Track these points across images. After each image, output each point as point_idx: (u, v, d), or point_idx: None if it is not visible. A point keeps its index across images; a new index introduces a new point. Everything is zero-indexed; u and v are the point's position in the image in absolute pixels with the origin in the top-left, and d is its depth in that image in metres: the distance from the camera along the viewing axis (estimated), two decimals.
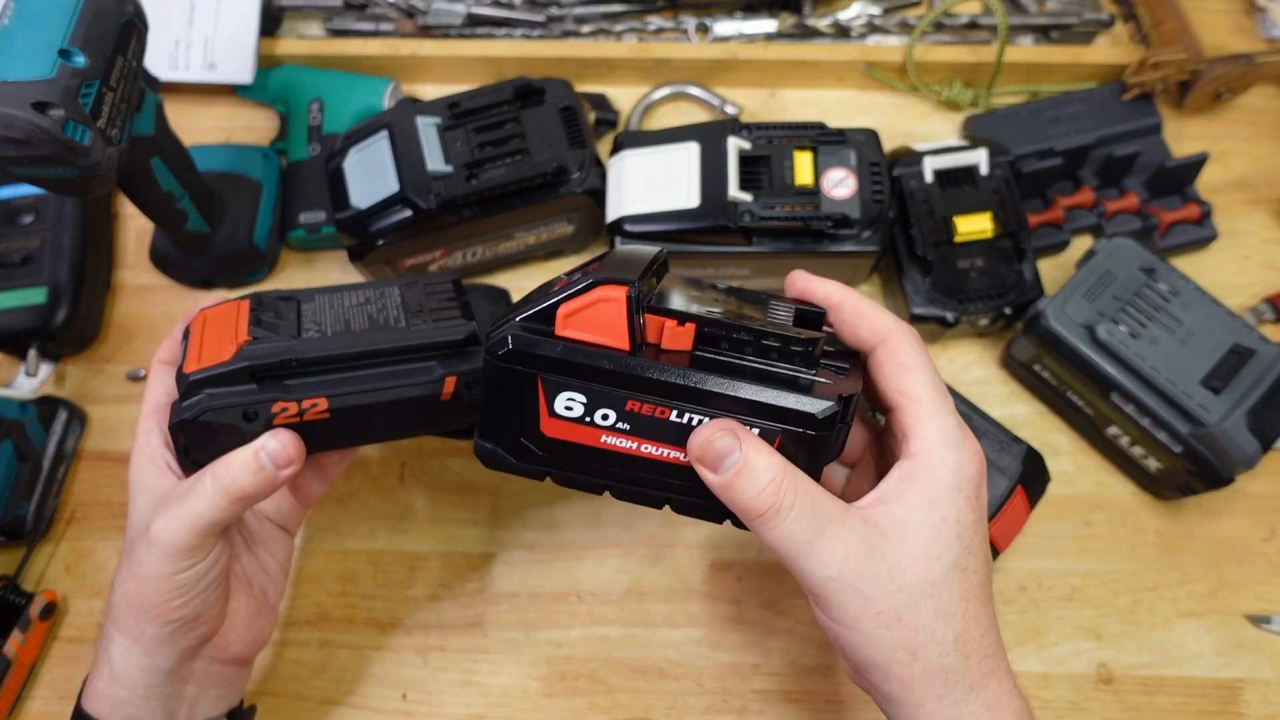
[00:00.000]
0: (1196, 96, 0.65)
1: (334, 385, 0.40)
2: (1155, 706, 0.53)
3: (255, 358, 0.38)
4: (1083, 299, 0.53)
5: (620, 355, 0.33)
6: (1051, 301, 0.53)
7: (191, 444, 0.39)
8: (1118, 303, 0.53)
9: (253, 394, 0.38)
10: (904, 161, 0.58)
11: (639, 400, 0.33)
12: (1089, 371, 0.52)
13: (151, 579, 0.38)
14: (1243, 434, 0.49)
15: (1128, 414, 0.52)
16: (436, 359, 0.42)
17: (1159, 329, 0.52)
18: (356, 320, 0.42)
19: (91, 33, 0.44)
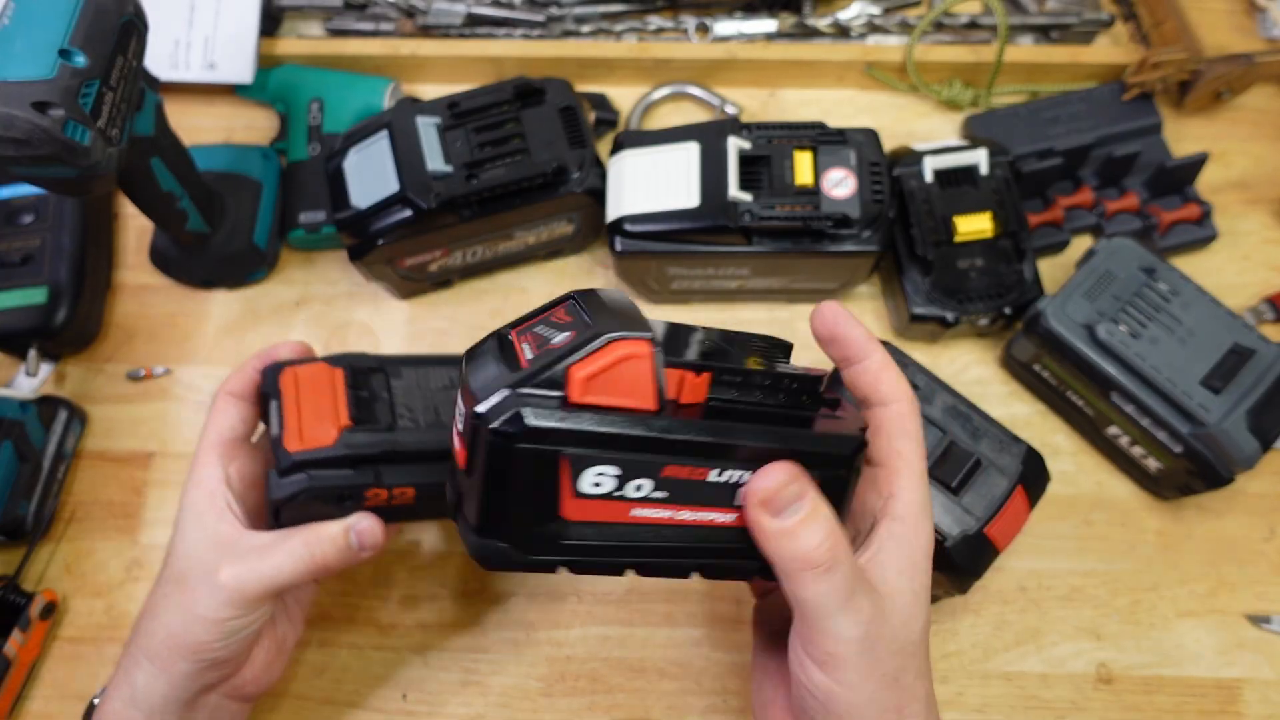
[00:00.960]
0: (1196, 96, 0.65)
1: (422, 475, 0.43)
2: (1155, 706, 0.53)
3: (357, 447, 0.42)
4: (1083, 299, 0.53)
5: (651, 418, 0.30)
6: (1051, 301, 0.53)
7: (285, 517, 0.42)
8: (1118, 303, 0.53)
9: (350, 478, 0.42)
10: (904, 161, 0.58)
11: (678, 464, 0.30)
12: (1089, 371, 0.52)
13: (204, 620, 0.40)
14: (1243, 434, 0.49)
15: (1128, 414, 0.52)
16: None
17: (1159, 329, 0.52)
18: (445, 408, 0.45)
19: (92, 33, 0.44)
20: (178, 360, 0.62)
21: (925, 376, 0.50)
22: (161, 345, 0.62)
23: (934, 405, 0.50)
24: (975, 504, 0.47)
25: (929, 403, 0.50)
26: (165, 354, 0.62)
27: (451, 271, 0.61)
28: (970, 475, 0.48)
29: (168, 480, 0.59)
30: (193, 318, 0.63)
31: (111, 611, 0.55)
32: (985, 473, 0.48)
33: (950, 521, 0.47)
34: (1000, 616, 0.55)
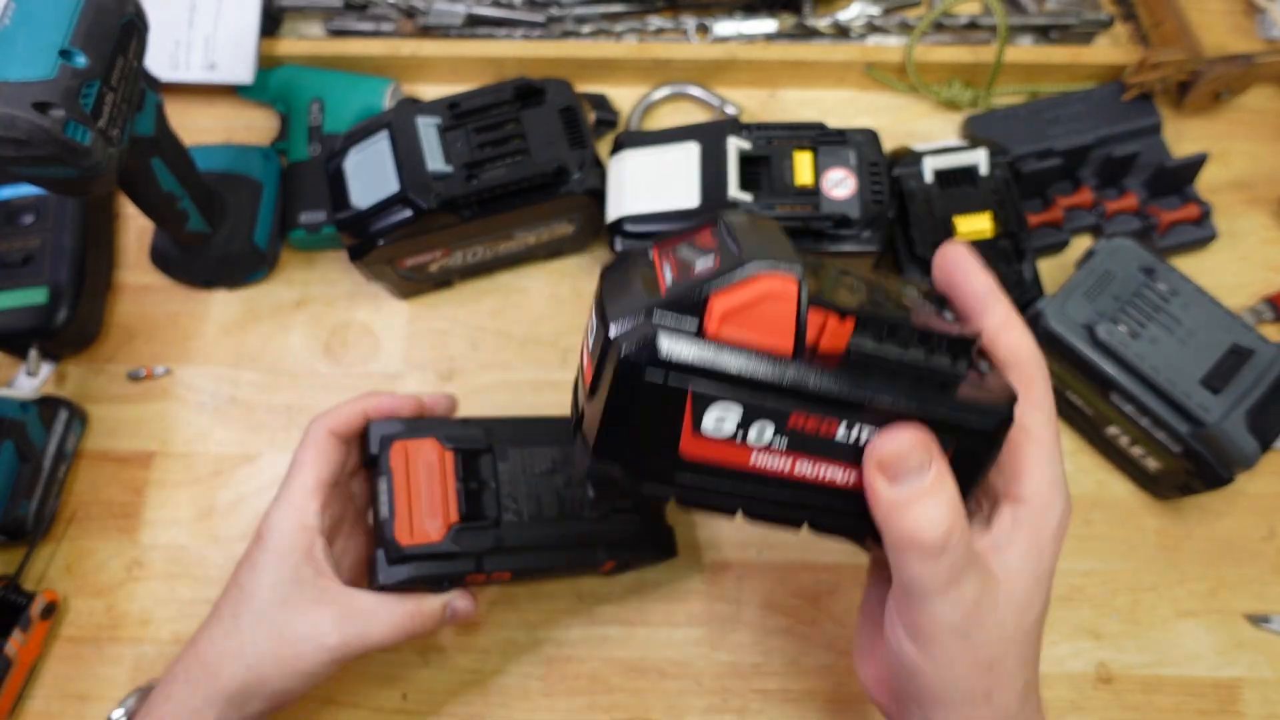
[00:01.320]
0: (1196, 96, 0.65)
1: (520, 562, 0.46)
2: (1154, 706, 0.53)
3: (464, 546, 0.45)
4: (1082, 299, 0.53)
5: (787, 361, 0.28)
6: (1051, 301, 0.53)
7: (389, 591, 0.44)
8: (1117, 303, 0.53)
9: (454, 567, 0.45)
10: (904, 161, 0.58)
11: (806, 414, 0.29)
12: (1088, 371, 0.52)
13: (302, 675, 0.42)
14: (1242, 434, 0.50)
15: (1127, 414, 0.52)
16: (602, 546, 0.49)
17: (1158, 329, 0.52)
18: (547, 499, 0.48)
19: (92, 33, 0.44)
20: (178, 360, 0.62)
21: None
22: (162, 345, 0.62)
23: None
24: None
25: None
26: (166, 354, 0.62)
27: (451, 271, 0.61)
28: None
29: (168, 480, 0.59)
30: (193, 318, 0.63)
31: (112, 611, 0.55)
32: None
33: None
34: None
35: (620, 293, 0.29)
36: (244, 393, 0.61)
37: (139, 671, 0.54)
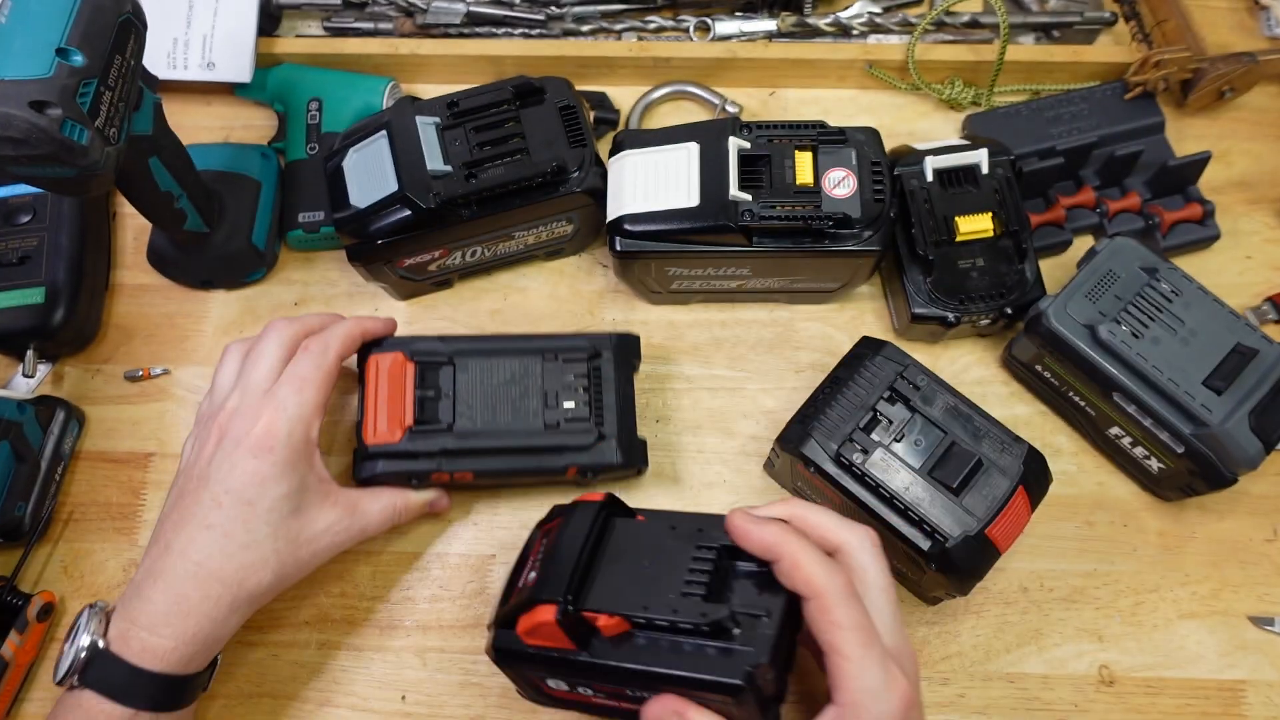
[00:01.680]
0: (1199, 95, 0.65)
1: (480, 463, 0.52)
2: (1157, 708, 0.52)
3: (418, 446, 0.51)
4: (1084, 299, 0.53)
5: (573, 654, 0.40)
6: (1053, 301, 0.53)
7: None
8: (1119, 303, 0.52)
9: (416, 462, 0.51)
10: (905, 160, 0.58)
11: (600, 683, 0.42)
12: (1091, 372, 0.52)
13: (302, 564, 0.48)
14: (1245, 434, 0.49)
15: (1130, 414, 0.52)
16: (563, 450, 0.52)
17: (1161, 329, 0.52)
18: (502, 409, 0.52)
19: (89, 31, 0.44)
20: (176, 361, 0.61)
21: (926, 377, 0.50)
22: (160, 346, 0.62)
23: (935, 406, 0.49)
24: (976, 505, 0.47)
25: (930, 404, 0.49)
26: (164, 354, 0.62)
27: (451, 271, 0.61)
28: (971, 476, 0.48)
29: (166, 481, 0.58)
30: (191, 318, 0.63)
31: None
32: (986, 473, 0.48)
33: (951, 523, 0.47)
34: (1002, 618, 0.54)
35: (511, 584, 0.46)
36: None
37: None
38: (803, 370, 0.61)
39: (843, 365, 0.52)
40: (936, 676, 0.53)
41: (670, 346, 0.61)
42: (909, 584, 0.54)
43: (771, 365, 0.61)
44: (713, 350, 0.61)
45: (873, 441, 0.49)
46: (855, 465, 0.48)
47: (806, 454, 0.49)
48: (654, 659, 0.39)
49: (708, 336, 0.62)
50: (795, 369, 0.61)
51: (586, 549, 0.42)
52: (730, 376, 0.60)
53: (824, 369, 0.53)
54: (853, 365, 0.51)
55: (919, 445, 0.49)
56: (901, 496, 0.47)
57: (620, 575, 0.42)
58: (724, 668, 0.38)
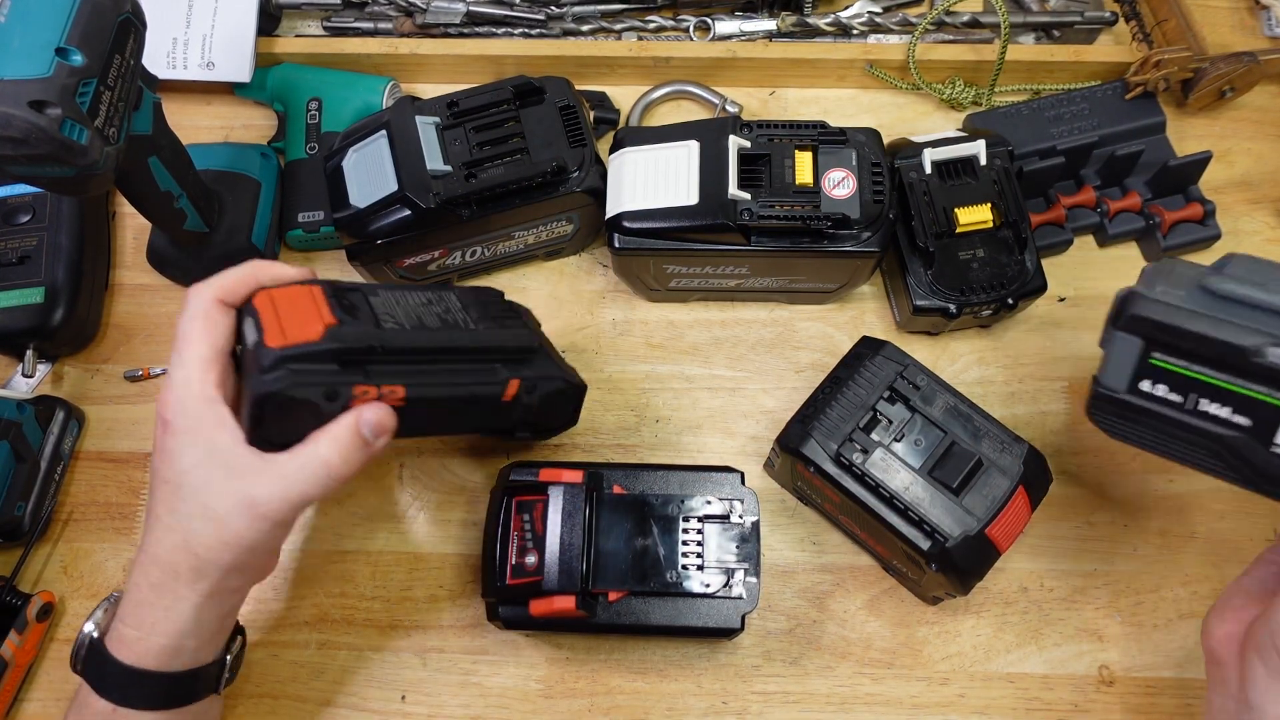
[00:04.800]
0: (1199, 95, 0.65)
1: (411, 376, 0.42)
2: (1157, 708, 0.52)
3: (343, 340, 0.40)
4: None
5: (583, 620, 0.49)
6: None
7: (268, 417, 0.39)
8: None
9: (337, 374, 0.40)
10: (903, 154, 0.58)
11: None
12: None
13: (255, 548, 0.41)
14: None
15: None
16: (501, 363, 0.45)
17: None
18: (428, 318, 0.44)
19: (89, 31, 0.44)
20: None
21: (926, 377, 0.50)
22: (159, 345, 0.62)
23: (935, 405, 0.49)
24: (976, 505, 0.47)
25: (930, 403, 0.49)
26: (163, 354, 0.62)
27: (451, 271, 0.61)
28: (971, 476, 0.47)
29: None
30: None
31: None
32: (987, 473, 0.48)
33: (951, 523, 0.46)
34: (1002, 617, 0.54)
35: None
36: None
37: None
38: (803, 370, 0.60)
39: (843, 365, 0.52)
40: (936, 676, 0.53)
41: (670, 346, 0.61)
42: (909, 584, 0.54)
43: (771, 365, 0.61)
44: (712, 350, 0.61)
45: (872, 441, 0.49)
46: (855, 465, 0.48)
47: (806, 454, 0.49)
48: (657, 614, 0.49)
49: (707, 336, 0.61)
50: (795, 369, 0.61)
51: (590, 537, 0.49)
52: (730, 376, 0.60)
53: (824, 369, 0.53)
54: (853, 365, 0.51)
55: (919, 445, 0.49)
56: (901, 496, 0.47)
57: (620, 551, 0.49)
58: (721, 617, 0.49)
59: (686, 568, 0.49)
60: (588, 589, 0.48)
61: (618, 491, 0.51)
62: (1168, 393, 0.39)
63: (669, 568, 0.49)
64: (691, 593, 0.49)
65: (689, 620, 0.49)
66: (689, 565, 0.49)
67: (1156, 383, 0.39)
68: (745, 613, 0.49)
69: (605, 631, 0.52)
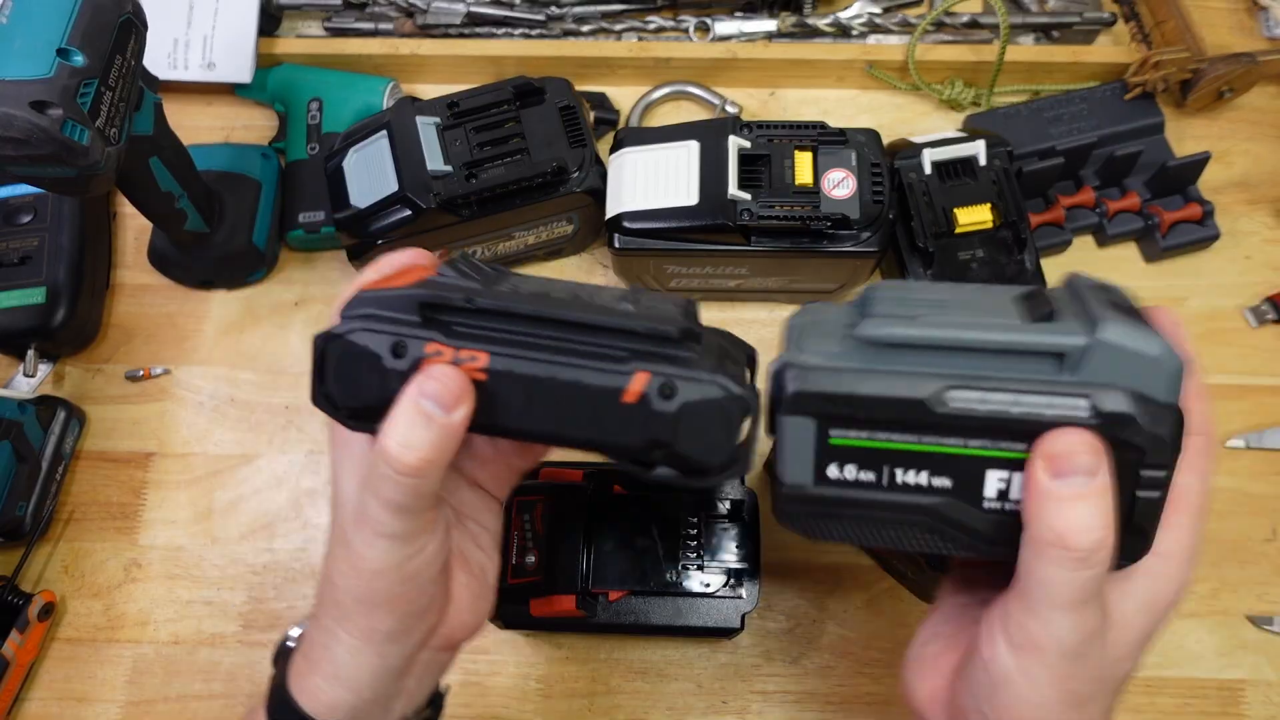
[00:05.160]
0: (1198, 96, 0.65)
1: (502, 344, 0.32)
2: (1157, 708, 0.52)
3: (431, 288, 0.32)
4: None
5: (582, 619, 0.49)
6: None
7: (329, 366, 0.33)
8: None
9: (412, 326, 0.32)
10: (903, 154, 0.58)
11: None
12: None
13: (380, 573, 0.33)
14: None
15: None
16: (633, 352, 0.32)
17: None
18: (559, 293, 0.34)
19: (90, 32, 0.44)
20: (176, 360, 0.62)
21: None
22: (160, 345, 0.62)
23: None
24: None
25: None
26: (164, 354, 0.62)
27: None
28: None
29: (167, 481, 0.58)
30: (191, 318, 0.63)
31: (110, 612, 0.55)
32: None
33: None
34: None
35: None
36: (243, 393, 0.61)
37: (137, 672, 0.54)
38: None
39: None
40: None
41: None
42: (909, 583, 0.54)
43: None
44: None
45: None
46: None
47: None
48: (657, 614, 0.49)
49: None
50: None
51: (590, 536, 0.49)
52: None
53: None
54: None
55: None
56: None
57: (620, 551, 0.49)
58: (721, 616, 0.49)
59: (686, 567, 0.49)
60: (588, 589, 0.49)
61: (618, 491, 0.51)
62: (858, 473, 0.32)
63: (669, 567, 0.49)
64: (691, 592, 0.49)
65: (689, 620, 0.49)
66: (689, 565, 0.49)
67: (844, 464, 0.32)
68: (745, 612, 0.49)
69: (605, 631, 0.52)
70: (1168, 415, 0.29)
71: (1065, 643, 0.29)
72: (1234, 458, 0.58)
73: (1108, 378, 0.29)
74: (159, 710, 0.53)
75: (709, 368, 0.32)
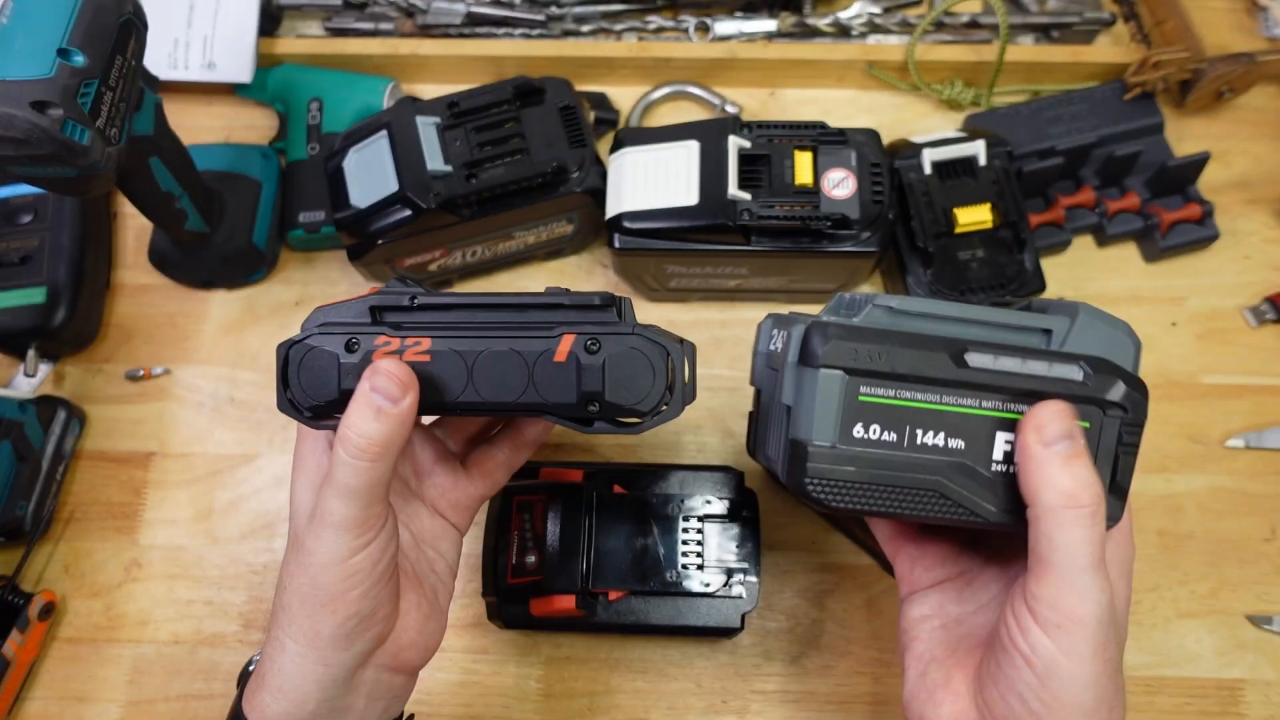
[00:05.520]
0: (1198, 96, 0.65)
1: (443, 329, 0.36)
2: (1156, 707, 0.52)
3: (379, 295, 0.37)
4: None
5: (582, 619, 0.50)
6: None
7: (292, 368, 0.37)
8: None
9: (363, 327, 0.36)
10: (903, 154, 0.58)
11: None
12: None
13: (326, 566, 0.34)
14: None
15: None
16: (562, 322, 0.36)
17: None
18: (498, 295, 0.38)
19: (90, 32, 0.44)
20: (177, 360, 0.62)
21: None
22: (160, 345, 0.62)
23: None
24: None
25: None
26: (164, 354, 0.62)
27: (451, 271, 0.61)
28: None
29: (167, 480, 0.58)
30: (192, 318, 0.63)
31: (110, 612, 0.55)
32: None
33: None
34: None
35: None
36: (243, 393, 0.61)
37: (138, 672, 0.54)
38: None
39: None
40: None
41: None
42: None
43: None
44: (713, 350, 0.61)
45: None
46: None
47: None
48: (657, 614, 0.49)
49: (708, 336, 0.62)
50: None
51: (590, 536, 0.49)
52: (730, 376, 0.61)
53: None
54: None
55: None
56: None
57: (620, 551, 0.50)
58: (721, 616, 0.49)
59: (686, 567, 0.49)
60: (588, 588, 0.49)
61: (618, 491, 0.51)
62: (882, 433, 0.32)
63: (669, 567, 0.49)
64: (691, 592, 0.49)
65: (689, 620, 0.49)
66: (689, 565, 0.49)
67: (869, 424, 0.32)
68: (745, 612, 0.49)
69: (605, 631, 0.52)
70: (1139, 382, 0.33)
71: (1100, 606, 0.30)
72: (1234, 458, 0.58)
73: (1088, 350, 0.33)
74: (159, 710, 0.53)
75: (631, 325, 0.36)
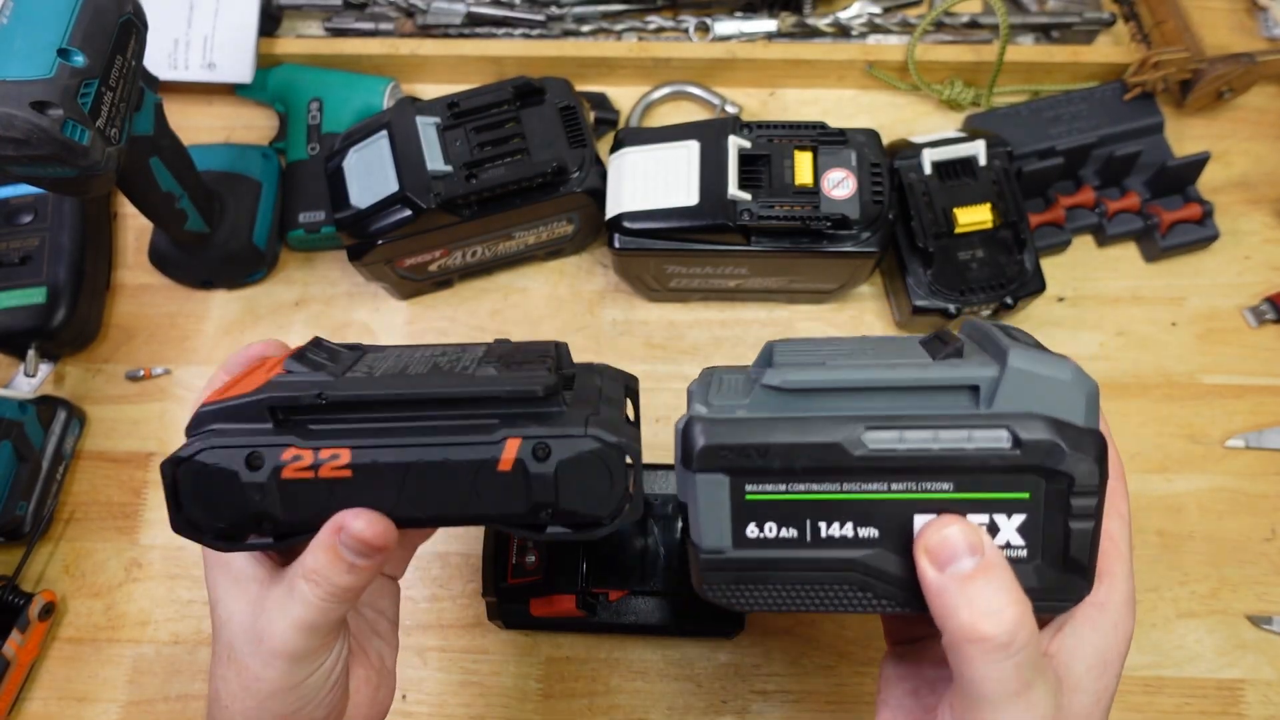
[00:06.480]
0: (1198, 96, 0.65)
1: (364, 436, 0.31)
2: (1156, 707, 0.52)
3: (278, 389, 0.31)
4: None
5: (582, 619, 0.50)
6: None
7: (183, 489, 0.31)
8: None
9: (265, 435, 0.30)
10: (903, 154, 0.58)
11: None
12: None
13: (277, 693, 0.32)
14: None
15: None
16: (502, 418, 0.31)
17: None
18: (417, 368, 0.33)
19: (90, 32, 0.44)
20: (177, 360, 0.62)
21: None
22: (161, 345, 0.62)
23: None
24: None
25: None
26: (164, 354, 0.62)
27: (451, 271, 0.61)
28: None
29: None
30: (192, 318, 0.63)
31: (110, 612, 0.55)
32: None
33: None
34: None
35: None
36: None
37: (138, 672, 0.54)
38: None
39: None
40: None
41: (670, 346, 0.61)
42: None
43: None
44: (713, 350, 0.61)
45: None
46: None
47: None
48: (657, 614, 0.50)
49: (708, 336, 0.62)
50: None
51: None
52: None
53: None
54: None
55: None
56: None
57: (620, 551, 0.49)
58: (721, 616, 0.48)
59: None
60: (588, 588, 0.49)
61: None
62: (779, 530, 0.30)
63: (669, 567, 0.49)
64: (691, 592, 0.49)
65: (689, 620, 0.49)
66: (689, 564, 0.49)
67: (763, 522, 0.30)
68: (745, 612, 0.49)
69: (605, 631, 0.52)
70: (1090, 440, 0.28)
71: None
72: (1234, 458, 0.58)
73: (1025, 406, 0.28)
74: (159, 710, 0.53)
75: (581, 419, 0.31)
